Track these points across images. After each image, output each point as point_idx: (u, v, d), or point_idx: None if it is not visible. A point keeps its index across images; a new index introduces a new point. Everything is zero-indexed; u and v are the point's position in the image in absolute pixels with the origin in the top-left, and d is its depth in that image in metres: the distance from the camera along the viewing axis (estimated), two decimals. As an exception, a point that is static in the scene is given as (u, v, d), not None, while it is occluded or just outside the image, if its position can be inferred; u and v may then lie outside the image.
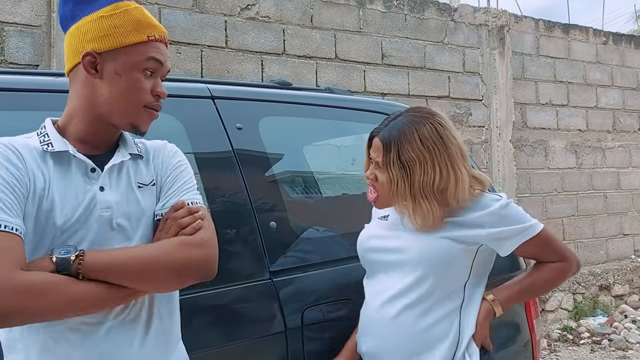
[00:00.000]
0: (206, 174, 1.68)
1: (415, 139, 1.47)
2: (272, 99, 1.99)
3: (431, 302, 1.49)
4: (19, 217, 1.04)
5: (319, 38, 4.79)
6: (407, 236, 1.53)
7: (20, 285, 0.97)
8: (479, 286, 1.56)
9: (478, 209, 1.49)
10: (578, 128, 6.45)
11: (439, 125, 1.50)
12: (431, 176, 1.45)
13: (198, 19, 4.24)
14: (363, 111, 2.22)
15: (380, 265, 1.58)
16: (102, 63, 1.14)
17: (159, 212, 1.19)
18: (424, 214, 1.46)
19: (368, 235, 1.65)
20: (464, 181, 1.47)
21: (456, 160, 1.48)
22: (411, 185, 1.46)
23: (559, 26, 6.42)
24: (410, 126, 1.49)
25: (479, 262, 1.53)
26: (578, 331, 5.38)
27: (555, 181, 6.19)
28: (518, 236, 1.48)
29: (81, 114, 1.17)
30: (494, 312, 1.54)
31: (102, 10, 1.15)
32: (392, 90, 5.09)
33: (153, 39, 1.17)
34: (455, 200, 1.47)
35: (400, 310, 1.49)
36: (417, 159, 1.46)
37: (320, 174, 2.35)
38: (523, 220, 1.50)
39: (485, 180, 1.57)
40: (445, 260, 1.47)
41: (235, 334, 1.57)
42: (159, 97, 1.20)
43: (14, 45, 3.57)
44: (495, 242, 1.50)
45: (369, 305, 1.58)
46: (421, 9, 5.40)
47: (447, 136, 1.49)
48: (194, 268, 1.12)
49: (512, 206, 1.51)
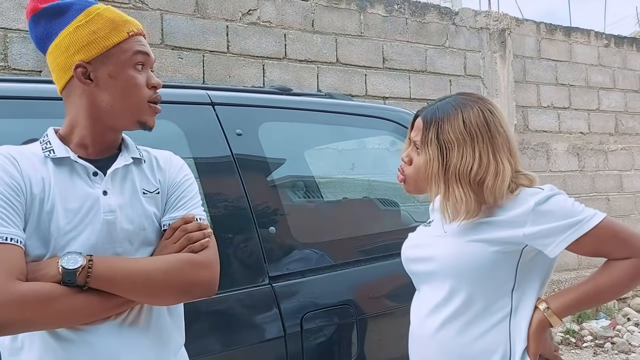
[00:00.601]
0: (206, 179, 1.70)
1: (458, 120, 1.33)
2: (272, 105, 2.00)
3: (472, 313, 1.32)
4: (16, 226, 1.05)
5: (320, 42, 4.81)
6: (440, 242, 1.37)
7: (15, 296, 0.98)
8: (531, 292, 1.34)
9: (515, 206, 1.30)
10: (580, 131, 6.44)
11: (488, 111, 1.35)
12: (469, 162, 1.30)
13: (200, 25, 4.26)
14: (362, 116, 2.24)
15: (419, 276, 1.44)
16: (94, 71, 1.15)
17: (166, 223, 1.21)
18: (456, 201, 1.29)
19: (408, 244, 1.50)
20: (504, 175, 1.30)
21: (500, 151, 1.32)
22: (446, 168, 1.32)
23: (561, 29, 6.43)
24: (456, 107, 1.35)
25: (526, 264, 1.32)
26: (581, 334, 5.36)
27: (557, 184, 6.15)
28: (565, 233, 1.26)
29: (84, 122, 1.18)
30: (548, 322, 1.30)
31: (75, 21, 1.15)
32: (394, 94, 5.10)
33: (133, 33, 1.18)
34: (491, 195, 1.29)
35: (440, 325, 1.34)
36: (456, 142, 1.31)
37: (320, 179, 2.36)
38: (571, 214, 1.27)
39: (533, 177, 1.37)
40: (478, 266, 1.30)
41: (235, 339, 1.58)
42: (155, 89, 1.21)
43: (17, 52, 3.60)
44: (538, 242, 1.28)
45: (412, 320, 1.44)
46: (422, 13, 5.41)
47: (494, 124, 1.34)
48: (198, 288, 1.16)
49: (556, 199, 1.29)
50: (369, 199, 2.49)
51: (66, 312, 1.04)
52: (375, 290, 1.92)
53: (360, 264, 1.93)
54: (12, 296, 0.98)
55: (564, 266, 6.06)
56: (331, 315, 1.76)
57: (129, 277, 1.09)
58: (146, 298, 1.13)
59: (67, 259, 1.04)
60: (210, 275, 1.17)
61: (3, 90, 1.55)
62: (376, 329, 1.89)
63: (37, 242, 1.08)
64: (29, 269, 1.04)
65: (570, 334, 5.36)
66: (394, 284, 1.93)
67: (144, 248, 1.18)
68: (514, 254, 1.31)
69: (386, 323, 1.89)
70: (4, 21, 3.55)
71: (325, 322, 1.74)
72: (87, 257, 1.06)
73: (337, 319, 1.76)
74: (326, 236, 1.98)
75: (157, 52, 4.06)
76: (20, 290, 0.99)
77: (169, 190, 1.24)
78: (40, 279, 1.03)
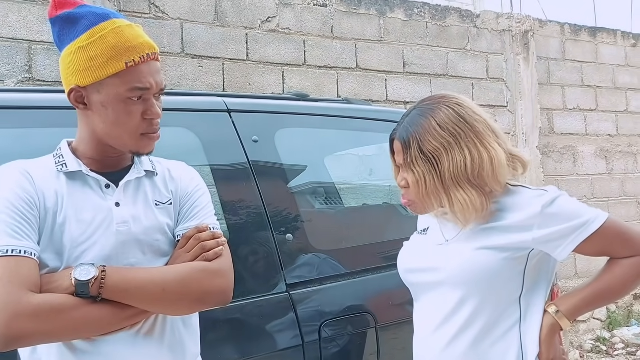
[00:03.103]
0: (222, 187, 1.69)
1: (433, 127, 1.28)
2: (288, 111, 1.99)
3: (482, 324, 1.28)
4: (30, 239, 1.06)
5: (339, 48, 4.80)
6: (443, 251, 1.33)
7: (28, 308, 0.99)
8: (539, 297, 1.32)
9: (519, 209, 1.27)
10: (608, 133, 6.29)
11: (456, 105, 1.31)
12: (461, 161, 1.26)
13: (219, 33, 4.29)
14: (381, 121, 2.21)
15: (421, 287, 1.39)
16: (88, 96, 1.13)
17: (179, 233, 1.20)
18: (462, 205, 1.25)
19: (405, 254, 1.46)
20: (499, 158, 1.26)
21: (485, 137, 1.28)
22: (441, 178, 1.27)
23: (586, 30, 6.30)
24: (425, 116, 1.31)
25: (533, 269, 1.30)
26: (612, 342, 5.22)
27: (585, 187, 6.04)
28: (572, 235, 1.24)
29: (87, 139, 1.18)
30: (559, 325, 1.29)
31: (79, 40, 1.11)
32: (415, 98, 5.05)
33: (132, 64, 1.10)
34: (496, 182, 1.26)
35: (450, 340, 1.29)
36: (441, 147, 1.27)
37: (338, 185, 2.34)
38: (577, 215, 1.25)
39: (525, 158, 1.35)
40: (487, 274, 1.26)
41: (252, 348, 1.56)
42: (152, 120, 1.16)
43: (42, 63, 3.66)
44: (546, 246, 1.27)
45: (417, 335, 1.39)
46: (443, 16, 5.36)
47: (468, 114, 1.30)
48: (213, 297, 1.15)
49: (561, 201, 1.26)
50: (388, 205, 2.45)
51: (80, 323, 1.04)
52: (395, 298, 1.88)
53: (379, 272, 1.90)
54: (25, 308, 0.98)
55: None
56: (350, 324, 1.73)
57: (142, 287, 1.08)
58: (160, 308, 1.13)
59: (79, 271, 1.05)
60: (224, 284, 1.16)
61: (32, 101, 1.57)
62: (396, 338, 1.85)
63: (51, 254, 1.09)
64: (43, 281, 1.05)
65: (601, 341, 5.22)
66: (415, 292, 1.89)
67: (157, 259, 1.17)
68: (521, 259, 1.28)
69: (407, 332, 1.84)
70: (28, 33, 3.63)
71: (344, 330, 1.71)
72: (100, 268, 1.06)
73: (356, 327, 1.73)
74: (344, 243, 1.96)
75: (177, 61, 4.10)
76: (33, 302, 1.00)
77: (182, 200, 1.24)
78: (54, 291, 1.04)
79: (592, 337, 5.30)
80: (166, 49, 4.05)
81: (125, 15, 3.92)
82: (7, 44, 3.58)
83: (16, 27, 3.61)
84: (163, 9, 4.09)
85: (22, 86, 3.54)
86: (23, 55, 3.64)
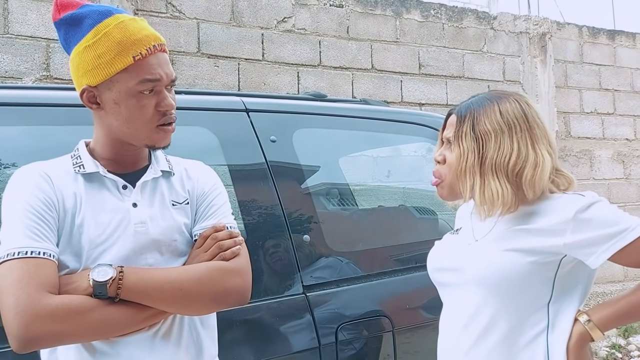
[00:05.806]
0: (240, 186, 1.68)
1: (494, 111, 1.26)
2: (306, 112, 1.98)
3: (505, 330, 1.23)
4: (49, 241, 1.05)
5: (355, 49, 4.78)
6: (471, 251, 1.29)
7: (46, 310, 0.98)
8: (570, 305, 1.25)
9: (553, 212, 1.22)
10: (625, 137, 6.21)
11: (525, 103, 1.29)
12: (507, 153, 1.22)
13: (235, 33, 4.30)
14: (398, 122, 2.19)
15: (446, 287, 1.36)
16: (100, 95, 1.12)
17: (197, 232, 1.20)
18: (492, 194, 1.22)
19: (434, 253, 1.43)
20: (544, 166, 1.22)
21: (539, 141, 1.25)
22: (482, 160, 1.24)
23: (604, 32, 6.23)
24: (492, 100, 1.29)
25: (565, 276, 1.24)
26: (627, 349, 5.15)
27: (601, 192, 5.97)
28: (608, 243, 1.17)
29: (103, 139, 1.18)
30: (589, 336, 1.21)
31: (85, 39, 1.10)
32: (430, 100, 5.02)
33: (140, 57, 1.09)
34: (531, 188, 1.22)
35: (473, 343, 1.25)
36: (493, 132, 1.24)
37: (356, 186, 2.32)
38: (614, 222, 1.18)
39: (572, 179, 1.31)
40: (510, 276, 1.21)
41: (268, 350, 1.55)
42: (166, 111, 1.15)
43: (59, 61, 3.69)
44: (578, 252, 1.20)
45: (441, 336, 1.36)
46: (459, 18, 5.33)
47: (532, 115, 1.27)
48: (231, 296, 1.14)
49: (598, 207, 1.20)
50: (405, 207, 2.43)
51: (98, 324, 1.03)
52: (413, 301, 1.86)
53: (397, 274, 1.88)
54: (43, 309, 0.98)
55: (608, 278, 5.83)
56: (367, 327, 1.71)
57: (160, 288, 1.08)
58: (178, 308, 1.12)
59: (97, 271, 1.05)
60: (242, 283, 1.15)
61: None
62: (413, 341, 1.83)
63: (70, 256, 1.09)
64: (61, 283, 1.05)
65: (616, 348, 5.15)
66: (432, 295, 1.85)
67: (175, 259, 1.17)
68: (551, 265, 1.23)
69: (424, 335, 1.82)
70: (47, 32, 3.65)
71: (360, 333, 1.69)
72: (118, 269, 1.06)
73: (373, 330, 1.72)
74: (361, 245, 1.94)
75: (193, 61, 4.11)
76: (51, 303, 0.99)
77: (198, 200, 1.23)
78: (72, 292, 1.04)
79: (607, 344, 5.23)
80: (182, 48, 4.07)
81: (142, 14, 3.94)
82: (26, 42, 3.61)
83: (34, 26, 3.64)
84: (180, 9, 4.10)
85: (39, 84, 3.56)
86: (41, 53, 3.66)
